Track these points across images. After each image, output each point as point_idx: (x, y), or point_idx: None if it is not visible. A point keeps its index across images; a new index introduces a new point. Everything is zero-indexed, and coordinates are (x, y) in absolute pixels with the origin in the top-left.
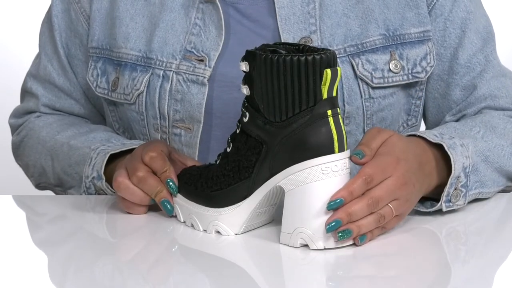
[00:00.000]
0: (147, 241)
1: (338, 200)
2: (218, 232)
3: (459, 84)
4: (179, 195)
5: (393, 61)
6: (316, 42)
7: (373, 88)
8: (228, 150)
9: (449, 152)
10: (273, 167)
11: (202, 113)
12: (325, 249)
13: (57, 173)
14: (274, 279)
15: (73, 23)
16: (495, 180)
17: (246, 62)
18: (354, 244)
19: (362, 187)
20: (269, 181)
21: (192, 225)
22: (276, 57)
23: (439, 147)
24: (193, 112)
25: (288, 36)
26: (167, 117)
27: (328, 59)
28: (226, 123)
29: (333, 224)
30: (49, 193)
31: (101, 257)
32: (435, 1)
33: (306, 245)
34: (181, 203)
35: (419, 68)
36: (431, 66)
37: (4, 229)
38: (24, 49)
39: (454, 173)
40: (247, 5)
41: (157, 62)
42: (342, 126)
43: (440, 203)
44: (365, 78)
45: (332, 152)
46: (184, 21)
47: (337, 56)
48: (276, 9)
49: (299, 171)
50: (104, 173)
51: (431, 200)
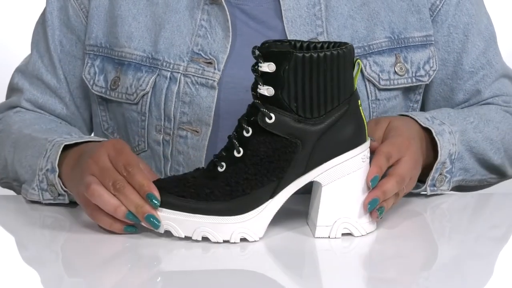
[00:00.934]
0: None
1: (376, 176)
2: (244, 239)
3: (463, 89)
4: (175, 211)
5: (399, 64)
6: None
7: (380, 89)
8: (238, 154)
9: (436, 138)
10: (309, 164)
11: (211, 117)
12: (367, 234)
13: (14, 165)
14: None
15: (70, 19)
16: (478, 170)
17: (271, 63)
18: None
19: (385, 164)
20: (301, 178)
21: (204, 239)
22: (317, 54)
23: (428, 131)
24: (202, 115)
25: (295, 38)
26: (172, 119)
27: (353, 50)
28: (233, 124)
29: (372, 201)
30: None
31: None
32: (439, 7)
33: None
34: (181, 219)
35: (422, 72)
36: (434, 70)
37: None
38: (24, 49)
39: (440, 158)
40: (252, 6)
41: (164, 64)
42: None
43: (424, 186)
44: (372, 79)
45: (365, 140)
46: (190, 23)
47: None
48: (282, 11)
49: (340, 163)
50: (59, 166)
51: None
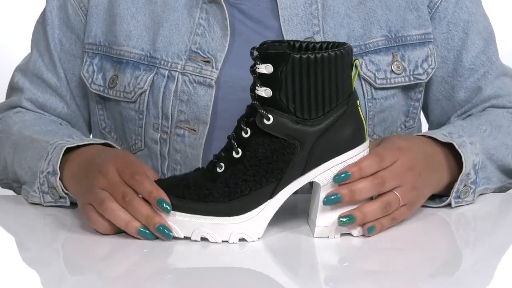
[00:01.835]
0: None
1: (342, 175)
2: (243, 239)
3: (464, 86)
4: (174, 212)
5: (395, 63)
6: None
7: (376, 88)
8: (237, 155)
9: (459, 150)
10: (308, 165)
11: (209, 115)
12: (367, 236)
13: (14, 166)
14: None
15: (69, 18)
16: (499, 177)
17: (269, 64)
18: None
19: (373, 166)
20: (300, 178)
21: (202, 239)
22: (314, 55)
23: (448, 146)
24: (199, 113)
25: (292, 37)
26: (170, 117)
27: (351, 51)
28: (230, 124)
29: (332, 198)
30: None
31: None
32: (438, 4)
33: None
34: (180, 220)
35: (420, 70)
36: (432, 68)
37: None
38: (24, 49)
39: (465, 170)
40: (250, 5)
41: (162, 62)
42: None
43: (449, 198)
44: (368, 78)
45: (364, 140)
46: (188, 21)
47: None
48: (279, 10)
49: (339, 164)
50: (60, 169)
51: (439, 197)
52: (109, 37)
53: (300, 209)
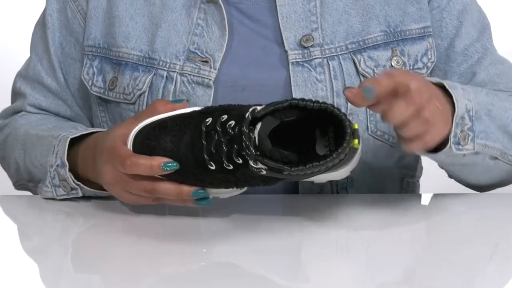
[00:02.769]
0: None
1: (369, 87)
2: None
3: (457, 72)
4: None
5: (395, 57)
6: (317, 40)
7: None
8: (229, 168)
9: (451, 91)
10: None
11: None
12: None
13: (27, 166)
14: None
15: (69, 21)
16: (499, 138)
17: (265, 167)
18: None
19: (386, 77)
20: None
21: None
22: (310, 169)
23: (440, 89)
24: None
25: (290, 34)
26: None
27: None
28: None
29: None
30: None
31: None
32: None
33: None
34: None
35: (420, 64)
36: (432, 62)
37: None
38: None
39: (458, 111)
40: (248, 4)
41: (160, 63)
42: None
43: (449, 144)
44: (367, 74)
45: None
46: (186, 22)
47: (339, 53)
48: (277, 7)
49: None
50: (68, 160)
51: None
52: (108, 39)
53: (299, 209)
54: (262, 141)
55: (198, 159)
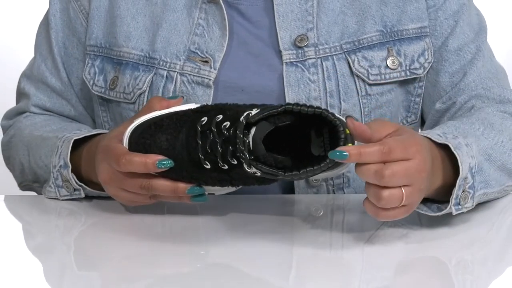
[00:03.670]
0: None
1: (338, 153)
2: None
3: (448, 71)
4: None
5: (391, 58)
6: (312, 40)
7: (370, 85)
8: (223, 167)
9: (455, 153)
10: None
11: None
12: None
13: (32, 167)
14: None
15: (71, 21)
16: (498, 179)
17: (259, 171)
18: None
19: (376, 155)
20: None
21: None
22: (304, 174)
23: (443, 147)
24: None
25: (285, 33)
26: None
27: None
28: None
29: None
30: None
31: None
32: None
33: None
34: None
35: (417, 64)
36: (429, 62)
37: None
38: (28, 50)
39: (462, 174)
40: (247, 5)
41: (161, 63)
42: None
43: (449, 206)
44: (361, 75)
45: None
46: (187, 21)
47: (333, 53)
48: (274, 5)
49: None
50: (71, 162)
51: (435, 204)
52: (110, 39)
53: (295, 209)
54: (256, 146)
55: (193, 158)
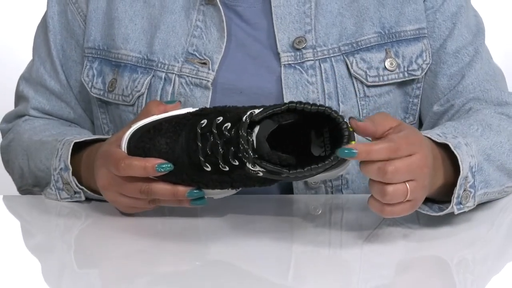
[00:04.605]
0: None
1: (346, 151)
2: None
3: (447, 74)
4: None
5: (389, 59)
6: (310, 42)
7: (368, 86)
8: (224, 169)
9: (455, 152)
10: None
11: None
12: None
13: (33, 171)
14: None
15: (69, 24)
16: (498, 180)
17: (263, 170)
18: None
19: (384, 152)
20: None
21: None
22: (308, 171)
23: (443, 148)
24: None
25: (283, 35)
26: None
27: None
28: None
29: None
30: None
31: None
32: None
33: None
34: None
35: (415, 66)
36: (427, 64)
37: None
38: (28, 51)
39: (463, 173)
40: (245, 7)
41: (159, 65)
42: None
43: (451, 205)
44: (359, 76)
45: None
46: (185, 23)
47: (331, 55)
48: (272, 8)
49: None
50: (72, 165)
51: (436, 204)
52: (108, 41)
53: (294, 209)
54: (260, 144)
55: (194, 161)
